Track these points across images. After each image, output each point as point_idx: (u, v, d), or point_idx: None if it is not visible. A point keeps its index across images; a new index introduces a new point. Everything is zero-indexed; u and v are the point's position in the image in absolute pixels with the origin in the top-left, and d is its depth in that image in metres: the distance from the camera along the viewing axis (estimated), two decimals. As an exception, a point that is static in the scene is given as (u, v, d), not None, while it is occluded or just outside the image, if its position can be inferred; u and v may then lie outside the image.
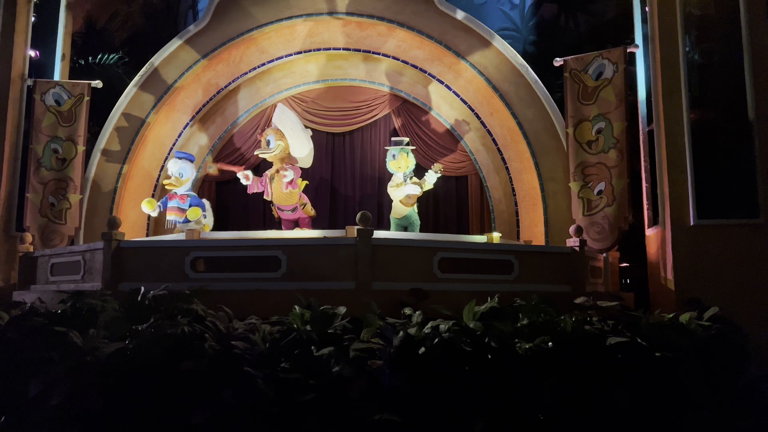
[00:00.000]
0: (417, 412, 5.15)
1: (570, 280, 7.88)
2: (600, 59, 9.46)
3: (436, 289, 7.00)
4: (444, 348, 5.41)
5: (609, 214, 9.12)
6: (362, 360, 5.36)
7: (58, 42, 11.37)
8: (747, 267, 8.42)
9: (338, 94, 11.60)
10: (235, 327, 5.50)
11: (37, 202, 10.34)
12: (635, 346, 5.99)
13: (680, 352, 6.14)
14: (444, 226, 11.20)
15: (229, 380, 5.05)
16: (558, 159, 9.78)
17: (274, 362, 5.40)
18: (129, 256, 7.25)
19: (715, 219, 8.58)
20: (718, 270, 8.46)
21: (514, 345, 5.57)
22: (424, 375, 5.23)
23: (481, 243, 8.25)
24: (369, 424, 4.82)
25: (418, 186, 9.53)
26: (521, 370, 5.42)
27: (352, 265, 6.88)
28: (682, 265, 8.63)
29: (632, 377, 5.84)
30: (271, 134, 9.23)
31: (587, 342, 5.89)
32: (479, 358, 5.42)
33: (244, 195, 10.71)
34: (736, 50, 8.82)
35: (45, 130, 10.51)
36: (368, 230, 6.91)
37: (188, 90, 11.15)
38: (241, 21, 10.75)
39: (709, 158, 8.70)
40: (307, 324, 5.65)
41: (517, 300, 6.64)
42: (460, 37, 10.25)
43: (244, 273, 7.05)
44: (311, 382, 5.25)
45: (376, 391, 5.24)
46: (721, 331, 7.06)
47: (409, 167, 9.72)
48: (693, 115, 8.90)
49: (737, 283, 8.36)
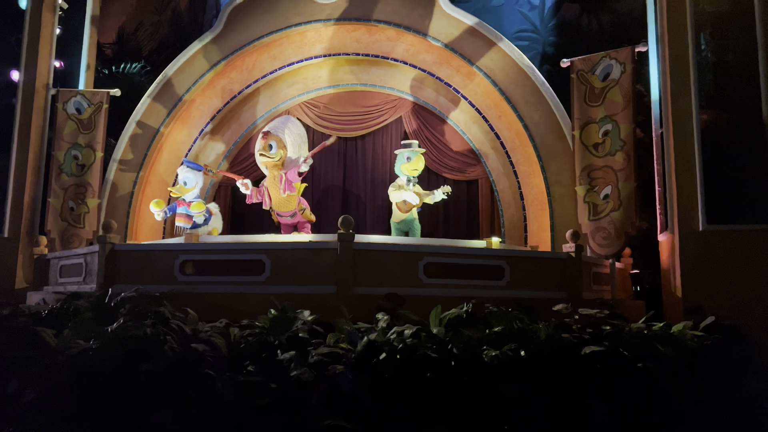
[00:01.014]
0: (373, 419, 5.10)
1: (566, 286, 7.67)
2: (607, 59, 9.21)
3: (421, 294, 6.94)
4: (407, 354, 5.34)
5: (615, 219, 8.84)
6: (325, 365, 5.34)
7: (83, 52, 11.82)
8: (760, 275, 8.01)
9: (350, 99, 11.65)
10: (200, 330, 5.56)
11: (58, 206, 10.76)
12: (615, 356, 5.78)
13: (666, 363, 5.89)
14: (454, 231, 11.09)
15: (190, 382, 5.11)
16: (565, 162, 9.55)
17: (238, 365, 5.46)
18: (122, 259, 7.45)
19: (726, 224, 8.20)
20: (728, 278, 8.09)
21: (480, 352, 5.45)
22: (381, 381, 5.18)
23: (470, 248, 8.12)
24: (318, 430, 4.80)
25: (418, 197, 9.49)
26: (485, 378, 5.29)
27: (334, 269, 6.88)
28: (689, 273, 8.29)
29: (611, 388, 5.64)
30: (274, 141, 9.29)
31: (562, 350, 5.72)
32: (442, 364, 5.32)
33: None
34: (750, 48, 8.43)
35: (66, 137, 10.93)
36: (349, 234, 6.90)
37: (203, 97, 11.40)
38: (253, 29, 10.93)
39: (721, 161, 8.33)
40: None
41: (502, 307, 6.49)
42: (467, 40, 10.15)
43: (230, 276, 7.15)
44: (272, 386, 5.26)
45: (337, 397, 5.22)
46: (719, 342, 6.74)
47: (418, 171, 9.71)
48: (705, 116, 8.55)
49: (749, 291, 7.97)
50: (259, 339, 5.57)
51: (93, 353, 5.06)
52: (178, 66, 11.09)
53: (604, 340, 5.90)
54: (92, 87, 11.73)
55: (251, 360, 5.51)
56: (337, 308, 6.28)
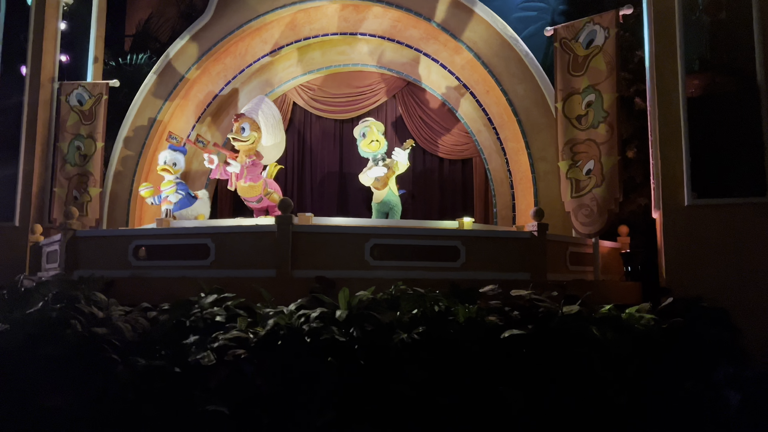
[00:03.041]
0: (269, 404, 4.99)
1: (528, 267, 7.26)
2: (591, 25, 8.59)
3: (367, 277, 6.74)
4: (312, 337, 5.19)
5: (598, 195, 8.28)
6: (228, 349, 5.27)
7: (90, 46, 12.16)
8: (750, 253, 7.35)
9: (343, 80, 11.45)
10: (113, 314, 5.60)
11: (63, 195, 11.15)
12: (541, 341, 5.41)
13: (603, 350, 5.47)
14: (451, 211, 10.72)
15: (93, 366, 5.16)
16: (550, 137, 9.02)
17: (151, 349, 5.46)
18: (83, 246, 7.64)
19: (714, 198, 7.55)
20: (715, 256, 7.47)
21: (389, 336, 5.23)
22: (278, 364, 5.06)
23: (423, 229, 7.79)
24: (200, 414, 4.74)
25: (386, 167, 9.18)
26: (388, 363, 5.07)
27: (273, 253, 6.77)
28: (673, 251, 7.72)
29: (532, 376, 5.29)
30: (247, 123, 9.24)
31: (483, 334, 5.41)
32: (344, 349, 5.14)
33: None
34: (745, 5, 7.67)
35: (69, 129, 11.29)
36: (287, 217, 6.77)
37: (200, 84, 11.51)
38: (242, 13, 10.91)
39: (709, 130, 7.69)
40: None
41: (418, 288, 6.17)
42: (450, 12, 9.73)
43: (179, 261, 7.18)
44: (176, 369, 5.25)
45: (236, 382, 5.14)
46: (679, 325, 6.22)
47: (382, 146, 9.39)
48: (697, 81, 7.88)
49: (737, 270, 7.35)
50: (168, 323, 5.55)
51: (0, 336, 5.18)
52: (173, 54, 11.23)
53: (534, 324, 5.54)
54: (101, 79, 12.07)
55: (165, 344, 5.51)
56: (281, 291, 6.19)
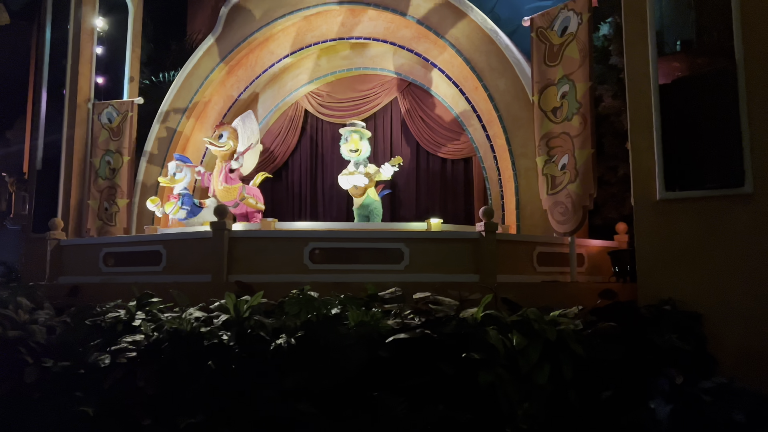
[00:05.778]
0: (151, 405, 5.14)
1: (478, 268, 6.95)
2: (565, 11, 8.09)
3: (306, 281, 6.72)
4: (196, 341, 5.30)
5: (572, 191, 7.76)
6: (126, 352, 5.48)
7: (126, 66, 13.05)
8: (727, 249, 6.57)
9: (349, 84, 11.54)
10: (38, 318, 5.99)
11: (95, 207, 12.02)
12: (428, 346, 5.18)
13: (495, 356, 5.15)
14: (452, 212, 10.48)
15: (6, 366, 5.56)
16: (530, 132, 8.55)
17: (67, 351, 5.80)
18: (66, 254, 8.22)
19: (687, 191, 6.84)
20: (690, 255, 6.76)
21: (271, 341, 5.23)
22: (160, 367, 5.20)
23: (364, 231, 7.64)
24: (71, 414, 4.97)
25: (367, 178, 9.09)
26: (264, 368, 5.07)
27: (210, 259, 6.94)
28: (645, 249, 7.06)
29: (416, 386, 5.08)
30: (227, 131, 9.57)
31: (374, 338, 5.26)
32: (226, 352, 5.20)
33: (277, 191, 11.56)
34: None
35: (101, 145, 12.16)
36: (221, 223, 6.92)
37: (217, 96, 12.00)
38: (247, 26, 11.28)
39: (683, 116, 6.96)
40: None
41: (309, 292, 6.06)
42: (435, 11, 9.53)
43: (138, 267, 7.55)
44: (81, 371, 5.53)
45: (128, 383, 5.35)
46: (612, 331, 5.72)
47: (361, 153, 9.30)
48: (672, 64, 7.20)
49: (714, 270, 6.59)
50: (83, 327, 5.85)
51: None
52: (189, 69, 11.79)
53: (426, 329, 5.31)
54: (137, 96, 12.91)
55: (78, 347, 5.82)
56: (217, 296, 6.36)
